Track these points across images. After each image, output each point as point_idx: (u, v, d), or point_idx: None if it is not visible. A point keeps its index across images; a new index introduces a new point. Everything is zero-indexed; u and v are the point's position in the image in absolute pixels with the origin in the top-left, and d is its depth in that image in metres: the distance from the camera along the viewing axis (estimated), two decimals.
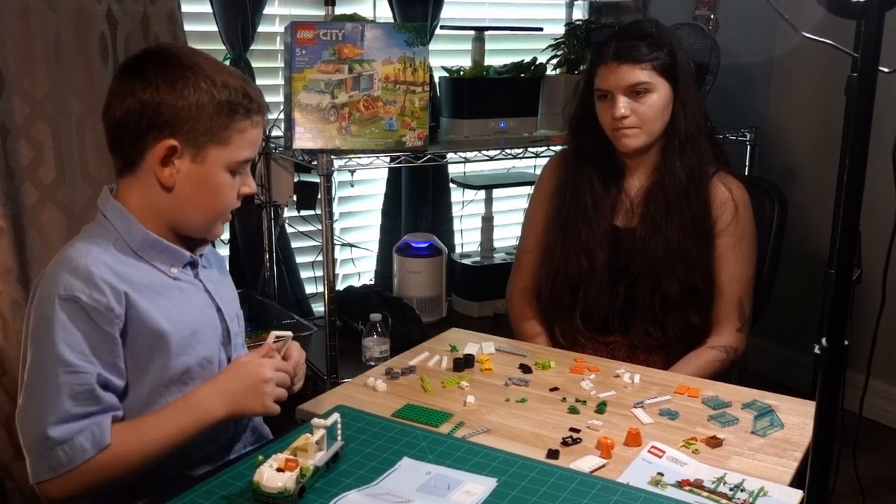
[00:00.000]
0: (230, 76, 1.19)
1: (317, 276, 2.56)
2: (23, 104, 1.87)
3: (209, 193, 1.20)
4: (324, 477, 1.12)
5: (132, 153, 1.18)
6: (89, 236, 1.20)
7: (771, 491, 1.11)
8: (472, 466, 1.15)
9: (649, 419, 1.32)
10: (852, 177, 0.86)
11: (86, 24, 1.90)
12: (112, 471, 1.12)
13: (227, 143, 1.18)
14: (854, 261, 0.90)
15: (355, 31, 1.93)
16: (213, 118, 1.16)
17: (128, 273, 1.17)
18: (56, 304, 1.10)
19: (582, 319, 1.75)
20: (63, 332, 1.10)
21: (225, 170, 1.20)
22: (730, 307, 1.69)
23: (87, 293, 1.11)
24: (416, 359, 1.57)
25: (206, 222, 1.24)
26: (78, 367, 1.10)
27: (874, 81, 0.85)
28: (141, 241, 1.20)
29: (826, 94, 2.83)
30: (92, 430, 1.10)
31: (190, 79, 1.15)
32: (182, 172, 1.18)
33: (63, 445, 1.09)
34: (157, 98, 1.14)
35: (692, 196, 1.67)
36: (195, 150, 1.17)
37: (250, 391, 1.19)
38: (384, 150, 2.02)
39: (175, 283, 1.23)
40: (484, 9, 2.76)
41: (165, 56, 1.18)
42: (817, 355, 0.91)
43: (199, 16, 2.25)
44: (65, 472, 1.09)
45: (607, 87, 1.65)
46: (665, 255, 1.66)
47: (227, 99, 1.16)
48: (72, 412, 1.09)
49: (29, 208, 1.91)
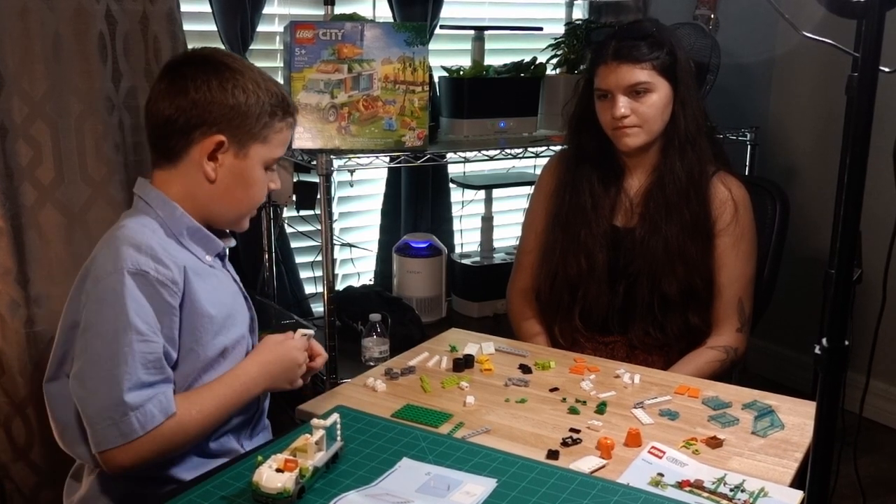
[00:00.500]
0: (269, 81, 1.30)
1: (316, 276, 2.56)
2: (21, 104, 1.87)
3: (246, 187, 1.30)
4: (323, 477, 1.12)
5: (177, 147, 1.26)
6: (136, 221, 1.26)
7: (771, 491, 1.10)
8: (471, 467, 1.15)
9: (649, 419, 1.32)
10: (853, 177, 0.87)
11: (85, 23, 1.90)
12: (176, 439, 1.19)
13: (267, 142, 1.29)
14: (854, 261, 0.90)
15: (355, 30, 1.93)
16: (257, 118, 1.27)
17: (176, 254, 1.25)
18: (125, 277, 1.17)
19: (581, 319, 1.75)
20: (134, 304, 1.16)
21: (262, 166, 1.30)
22: (730, 307, 1.69)
23: (154, 267, 1.19)
24: (415, 359, 1.57)
25: (238, 215, 1.34)
26: (149, 336, 1.17)
27: (875, 81, 0.85)
28: (184, 227, 1.28)
29: (826, 94, 2.83)
30: (160, 399, 1.17)
31: (238, 81, 1.26)
32: (224, 166, 1.27)
33: (136, 412, 1.14)
34: (209, 97, 1.24)
35: (692, 196, 1.67)
36: (239, 147, 1.27)
37: (287, 371, 1.32)
38: (384, 150, 2.02)
39: (210, 270, 1.31)
40: (483, 8, 2.76)
41: (213, 59, 1.28)
42: (818, 355, 0.91)
43: (199, 15, 2.25)
44: (136, 438, 1.14)
45: (607, 86, 1.65)
46: (664, 255, 1.66)
47: (270, 101, 1.27)
48: (144, 380, 1.16)
49: (27, 208, 1.91)
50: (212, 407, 1.23)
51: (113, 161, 1.99)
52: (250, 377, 1.28)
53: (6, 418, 1.96)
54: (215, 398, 1.24)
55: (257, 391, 1.31)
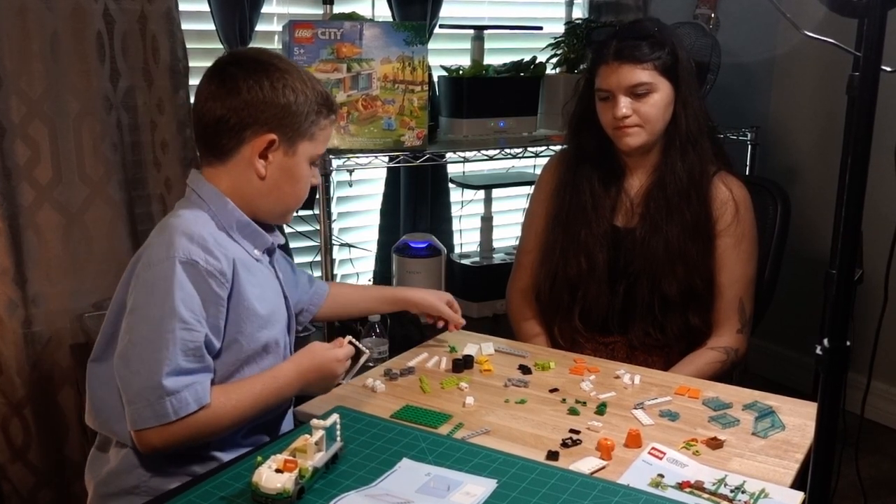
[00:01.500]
0: (314, 79, 1.33)
1: (315, 276, 2.55)
2: (19, 103, 1.86)
3: (293, 183, 1.33)
4: (323, 478, 1.12)
5: (229, 146, 1.29)
6: (188, 213, 1.28)
7: (772, 493, 1.10)
8: (471, 468, 1.15)
9: (650, 420, 1.32)
10: (854, 176, 0.86)
11: (83, 22, 1.90)
12: (207, 428, 1.21)
13: (314, 139, 1.32)
14: (856, 261, 0.89)
15: (354, 29, 1.92)
16: (306, 117, 1.30)
17: (227, 247, 1.27)
18: (177, 265, 1.20)
19: (581, 320, 1.74)
20: (181, 292, 1.19)
21: (308, 162, 1.34)
22: (730, 308, 1.69)
23: (204, 257, 1.22)
24: (414, 360, 1.56)
25: (285, 209, 1.37)
26: (192, 325, 1.20)
27: (876, 80, 0.85)
28: (235, 220, 1.30)
29: (828, 94, 2.82)
30: (196, 388, 1.19)
31: (287, 80, 1.28)
32: (274, 164, 1.30)
33: (171, 397, 1.17)
34: (261, 97, 1.27)
35: (693, 196, 1.66)
36: (289, 145, 1.30)
37: (323, 380, 1.33)
38: (383, 150, 2.01)
39: (258, 265, 1.34)
40: (483, 7, 2.76)
41: (261, 59, 1.30)
42: (819, 356, 0.91)
43: (197, 14, 2.24)
44: (169, 422, 1.17)
45: (608, 87, 1.64)
46: (665, 256, 1.66)
47: (317, 100, 1.31)
48: (183, 366, 1.18)
49: (25, 208, 1.90)
50: (247, 402, 1.25)
51: (111, 161, 1.99)
52: (287, 380, 1.29)
53: (4, 419, 1.95)
54: (251, 395, 1.25)
55: (291, 394, 1.33)
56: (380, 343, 2.05)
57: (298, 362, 1.32)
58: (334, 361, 1.31)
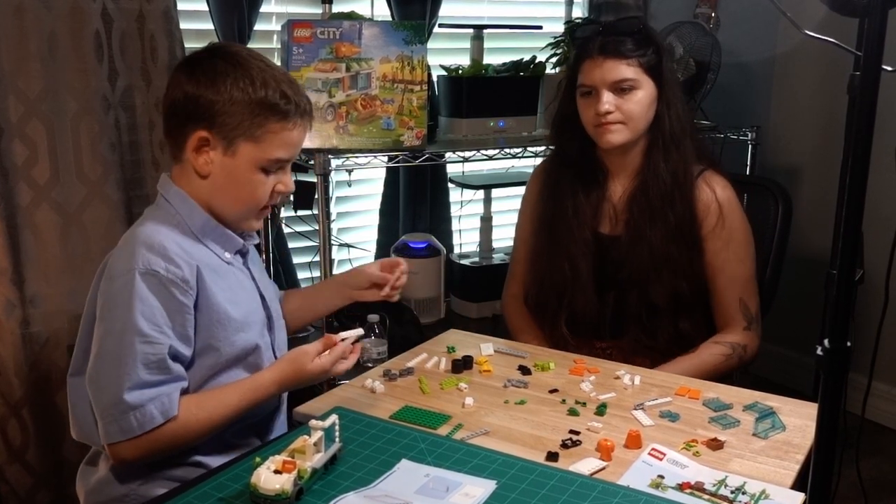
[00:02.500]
0: (273, 78, 1.25)
1: (314, 276, 2.55)
2: (17, 103, 1.86)
3: (240, 186, 1.28)
4: (322, 479, 1.11)
5: (178, 141, 1.27)
6: (155, 218, 1.27)
7: (773, 494, 1.10)
8: (471, 468, 1.14)
9: (650, 421, 1.31)
10: (855, 176, 0.86)
11: (80, 22, 1.89)
12: (178, 440, 1.21)
13: (259, 141, 1.25)
14: (856, 261, 0.89)
15: (353, 29, 1.92)
16: (245, 115, 1.23)
17: (193, 252, 1.26)
18: (136, 277, 1.18)
19: (568, 327, 1.72)
20: (141, 305, 1.18)
21: (255, 166, 1.26)
22: (731, 309, 1.67)
23: (165, 266, 1.20)
24: (414, 360, 1.56)
25: (239, 215, 1.31)
26: (153, 337, 1.18)
27: (877, 80, 0.84)
28: (202, 224, 1.29)
29: (828, 93, 2.82)
30: (162, 400, 1.18)
31: (230, 75, 1.23)
32: (216, 163, 1.26)
33: (135, 411, 1.17)
34: (198, 91, 1.23)
35: (676, 199, 1.64)
36: (227, 144, 1.25)
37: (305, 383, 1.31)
38: (382, 150, 2.01)
39: (229, 268, 1.31)
40: (483, 7, 2.75)
41: (218, 53, 1.26)
42: (819, 357, 0.90)
43: (195, 14, 2.24)
44: (135, 436, 1.17)
45: (592, 82, 1.61)
46: (649, 262, 1.64)
47: (262, 99, 1.23)
48: (145, 380, 1.17)
49: (23, 208, 1.90)
50: (222, 413, 1.24)
51: (109, 160, 1.98)
52: (268, 391, 1.28)
53: (2, 420, 1.95)
54: (227, 406, 1.24)
55: (271, 399, 1.32)
56: (379, 344, 2.04)
57: (281, 371, 1.29)
58: (321, 374, 1.29)
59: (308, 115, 1.30)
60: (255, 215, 1.33)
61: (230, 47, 1.30)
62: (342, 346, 1.30)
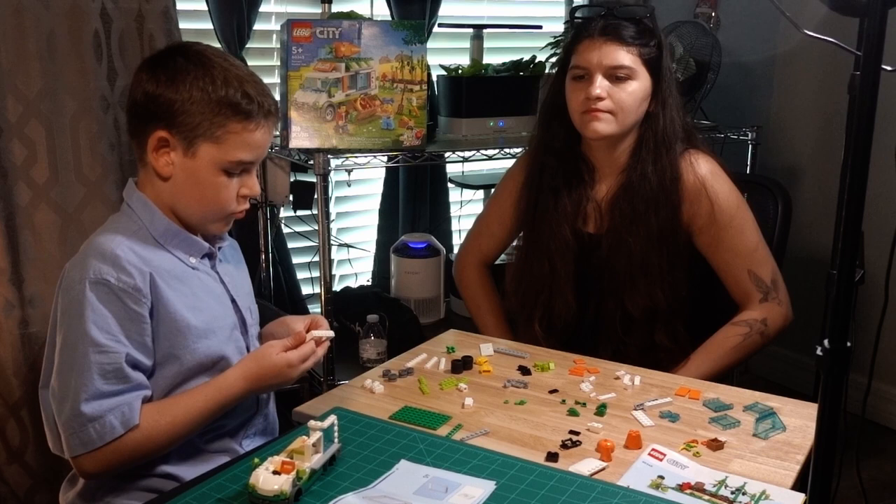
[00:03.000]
0: (235, 77, 1.21)
1: (313, 276, 2.55)
2: (16, 103, 1.85)
3: (201, 189, 1.24)
4: (320, 480, 1.11)
5: (140, 142, 1.24)
6: (115, 226, 1.26)
7: (773, 494, 1.09)
8: (470, 469, 1.14)
9: (650, 421, 1.31)
10: (855, 176, 0.86)
11: (79, 21, 1.89)
12: (141, 450, 1.19)
13: (220, 142, 1.21)
14: (857, 261, 0.89)
15: (352, 28, 1.91)
16: (205, 115, 1.20)
17: (151, 259, 1.23)
18: (87, 287, 1.17)
19: (543, 328, 1.68)
20: (93, 314, 1.16)
21: (217, 168, 1.23)
22: (742, 283, 1.59)
23: (116, 275, 1.18)
24: (413, 360, 1.55)
25: (202, 218, 1.28)
26: (107, 346, 1.16)
27: (877, 80, 0.84)
28: (163, 229, 1.26)
29: (828, 93, 2.82)
30: (122, 410, 1.17)
31: (190, 75, 1.20)
32: (176, 165, 1.23)
33: (94, 423, 1.15)
34: (157, 90, 1.20)
35: (661, 203, 1.57)
36: (187, 144, 1.21)
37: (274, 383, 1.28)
38: (381, 150, 2.00)
39: (194, 272, 1.29)
40: (482, 6, 2.75)
41: (180, 51, 1.23)
42: (819, 357, 0.90)
43: (195, 13, 2.24)
44: (96, 448, 1.16)
45: (587, 64, 1.54)
46: (627, 268, 1.58)
47: (223, 98, 1.20)
48: (102, 390, 1.16)
49: (22, 208, 1.90)
50: (188, 418, 1.21)
51: (108, 160, 1.98)
52: (233, 390, 1.25)
53: (1, 420, 1.94)
54: (192, 409, 1.22)
55: (239, 400, 1.28)
56: (378, 344, 2.04)
57: (246, 368, 1.26)
58: (286, 367, 1.26)
59: (272, 115, 1.26)
60: (221, 219, 1.29)
61: (193, 46, 1.26)
62: (309, 345, 1.28)
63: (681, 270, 1.61)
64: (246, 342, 1.36)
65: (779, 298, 1.61)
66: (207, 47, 1.27)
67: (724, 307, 1.70)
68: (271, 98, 1.26)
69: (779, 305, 1.61)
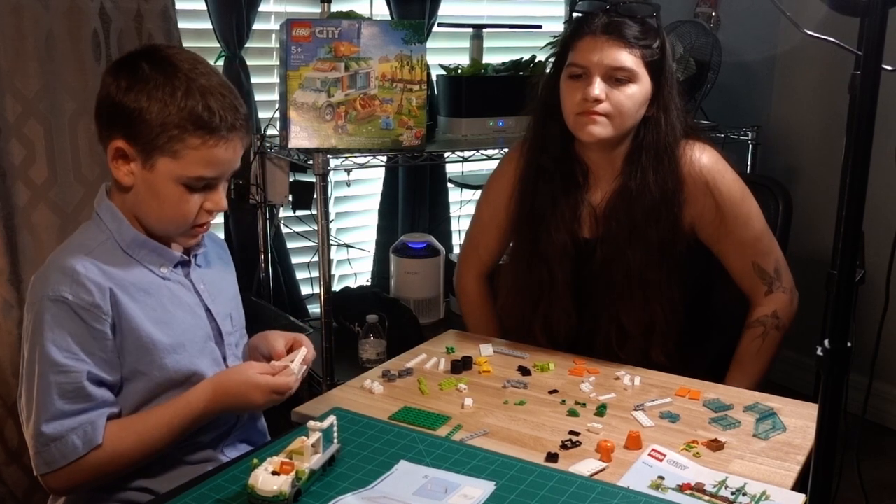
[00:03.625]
0: (199, 88, 1.14)
1: (313, 277, 2.55)
2: (14, 103, 1.85)
3: (161, 202, 1.19)
4: (320, 480, 1.11)
5: (105, 147, 1.19)
6: (82, 236, 1.22)
7: (773, 495, 1.09)
8: (469, 470, 1.14)
9: (650, 422, 1.30)
10: (855, 176, 0.86)
11: (78, 21, 1.89)
12: (106, 468, 1.16)
13: (178, 157, 1.15)
14: (857, 261, 0.88)
15: (352, 28, 1.91)
16: (163, 127, 1.13)
17: (116, 272, 1.19)
18: (45, 304, 1.14)
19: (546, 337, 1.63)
20: (51, 333, 1.13)
21: (176, 182, 1.17)
22: (748, 278, 1.57)
23: (73, 292, 1.13)
24: (413, 361, 1.55)
25: (166, 230, 1.23)
26: (66, 366, 1.13)
27: (878, 79, 0.84)
28: (131, 240, 1.22)
29: (829, 93, 2.81)
30: (85, 429, 1.14)
31: (150, 83, 1.13)
32: (136, 175, 1.18)
33: (56, 443, 1.13)
34: (117, 97, 1.14)
35: (662, 216, 1.51)
36: (145, 157, 1.16)
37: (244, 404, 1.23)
38: (381, 150, 2.00)
39: (164, 283, 1.24)
40: (482, 6, 2.75)
41: (145, 56, 1.17)
42: (820, 357, 0.90)
43: (194, 13, 2.23)
44: (59, 467, 1.14)
45: (586, 62, 1.46)
46: (624, 282, 1.54)
47: (182, 110, 1.13)
48: (62, 409, 1.13)
49: (21, 208, 1.90)
50: (154, 435, 1.18)
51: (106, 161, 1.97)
52: (201, 407, 1.20)
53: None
54: (156, 426, 1.18)
55: (209, 418, 1.23)
56: (378, 344, 2.04)
57: (216, 384, 1.21)
58: (255, 390, 1.20)
59: (238, 130, 1.17)
60: (187, 233, 1.23)
61: (161, 51, 1.19)
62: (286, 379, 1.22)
63: (679, 283, 1.56)
64: (222, 352, 1.30)
65: (783, 286, 1.59)
66: (178, 53, 1.20)
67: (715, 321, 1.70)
68: (239, 112, 1.18)
69: (784, 293, 1.58)
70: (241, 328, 1.39)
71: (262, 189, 2.30)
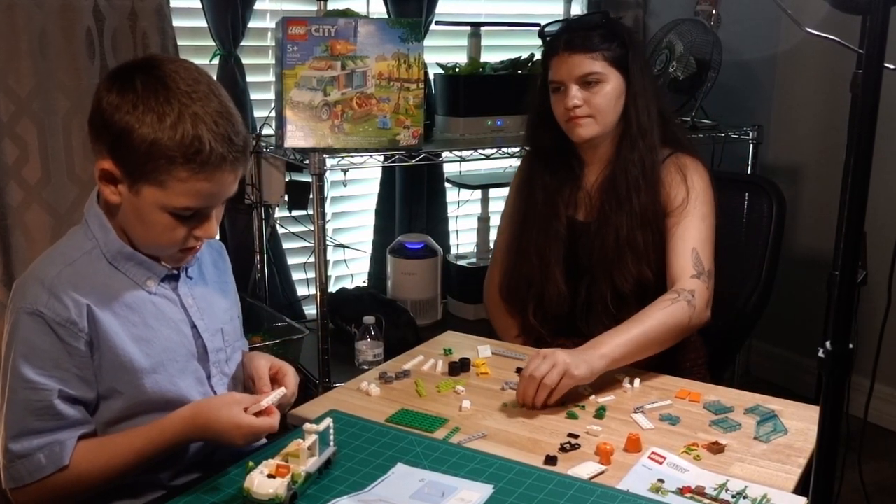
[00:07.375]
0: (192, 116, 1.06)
1: (309, 277, 2.54)
2: (7, 102, 1.85)
3: (145, 226, 1.13)
4: (316, 483, 1.10)
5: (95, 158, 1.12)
6: (69, 243, 1.18)
7: (774, 498, 1.09)
8: (467, 473, 1.13)
9: (650, 424, 1.30)
10: (857, 176, 0.85)
11: (72, 19, 1.88)
12: (74, 488, 1.13)
13: (164, 187, 1.08)
14: (859, 262, 0.88)
15: (348, 26, 1.90)
16: (149, 155, 1.05)
17: (98, 285, 1.13)
18: (21, 317, 1.10)
19: (537, 318, 1.74)
20: (24, 347, 1.10)
21: (162, 210, 1.10)
22: (682, 259, 1.61)
23: (49, 307, 1.09)
24: (410, 362, 1.54)
25: (153, 251, 1.17)
26: (36, 383, 1.09)
27: (879, 78, 0.83)
28: (116, 252, 1.16)
29: (830, 92, 2.81)
30: (52, 448, 1.11)
31: (140, 105, 1.05)
32: (123, 196, 1.11)
33: (22, 460, 1.10)
34: (108, 110, 1.07)
35: (642, 186, 1.66)
36: (131, 182, 1.09)
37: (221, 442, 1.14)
38: (378, 149, 1.99)
39: (149, 298, 1.18)
40: (480, 4, 2.74)
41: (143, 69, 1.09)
42: (821, 359, 0.89)
43: (189, 11, 2.22)
44: (25, 484, 1.11)
45: (560, 78, 1.65)
46: (614, 246, 1.66)
47: (171, 142, 1.05)
48: (31, 427, 1.10)
49: (14, 208, 1.89)
50: (122, 459, 1.13)
51: None
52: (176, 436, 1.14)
53: None
54: (126, 452, 1.13)
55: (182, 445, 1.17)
56: (374, 346, 2.03)
57: (196, 414, 1.13)
58: (236, 430, 1.11)
59: (232, 162, 1.09)
60: (174, 256, 1.18)
61: (159, 67, 1.09)
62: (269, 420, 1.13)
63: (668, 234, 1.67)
64: (206, 370, 1.23)
65: (709, 285, 1.62)
66: (177, 71, 1.09)
67: None
68: (234, 143, 1.09)
69: (707, 290, 1.60)
70: (235, 342, 1.31)
71: (257, 189, 2.29)
